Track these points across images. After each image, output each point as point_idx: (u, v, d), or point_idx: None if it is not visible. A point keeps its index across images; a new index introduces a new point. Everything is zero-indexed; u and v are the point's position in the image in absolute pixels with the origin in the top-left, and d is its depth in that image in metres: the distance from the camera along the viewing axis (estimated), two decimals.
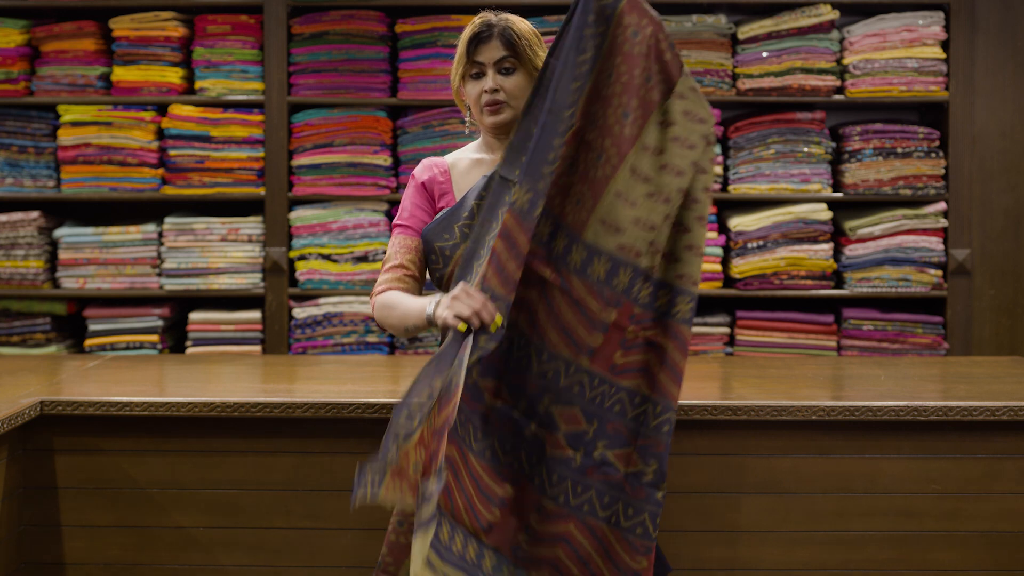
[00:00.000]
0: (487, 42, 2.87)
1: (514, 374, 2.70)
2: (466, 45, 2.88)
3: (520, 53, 2.87)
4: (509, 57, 2.86)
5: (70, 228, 5.30)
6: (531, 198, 2.62)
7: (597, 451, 2.69)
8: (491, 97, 2.87)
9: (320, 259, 5.23)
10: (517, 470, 2.69)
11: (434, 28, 5.21)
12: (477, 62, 2.87)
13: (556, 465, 2.69)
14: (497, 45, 2.86)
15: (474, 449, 2.68)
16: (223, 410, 3.31)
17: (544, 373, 2.69)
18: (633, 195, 2.69)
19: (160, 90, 5.25)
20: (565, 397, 2.69)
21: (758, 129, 5.18)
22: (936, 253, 5.18)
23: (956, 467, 3.32)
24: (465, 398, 2.64)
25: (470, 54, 2.87)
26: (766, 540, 3.33)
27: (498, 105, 2.88)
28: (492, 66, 2.86)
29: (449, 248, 2.85)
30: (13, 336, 5.28)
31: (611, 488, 2.68)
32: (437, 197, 2.98)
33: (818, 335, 5.18)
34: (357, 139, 5.22)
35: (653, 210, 2.69)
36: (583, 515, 2.68)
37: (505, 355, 2.70)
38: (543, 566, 2.69)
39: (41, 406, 3.31)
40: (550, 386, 2.69)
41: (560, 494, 2.68)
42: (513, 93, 2.87)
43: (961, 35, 5.15)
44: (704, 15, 5.21)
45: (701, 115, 2.78)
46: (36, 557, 3.39)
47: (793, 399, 3.28)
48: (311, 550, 3.36)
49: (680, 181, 2.71)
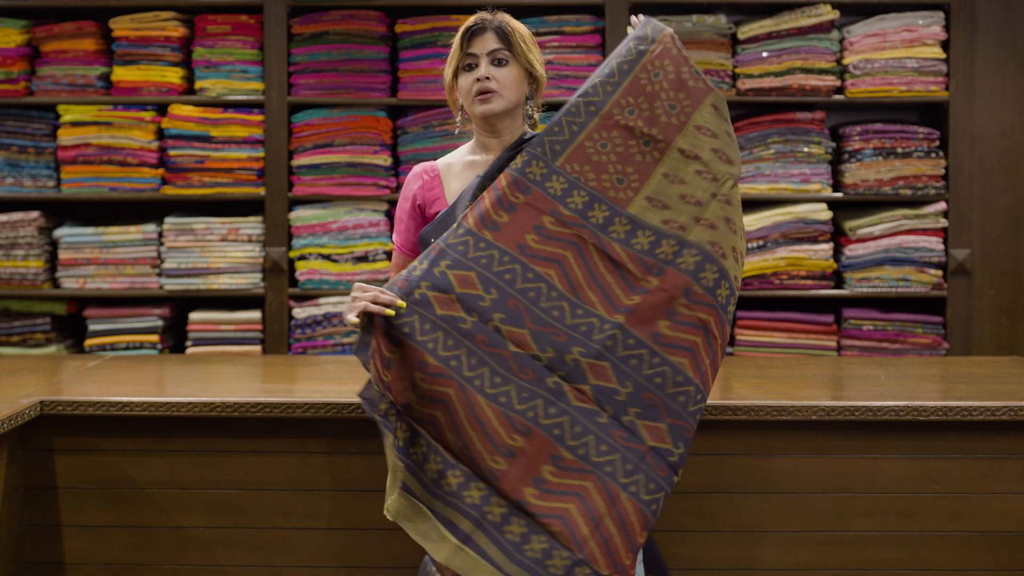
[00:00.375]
0: (481, 34, 2.93)
1: (544, 324, 2.72)
2: (460, 38, 2.94)
3: (514, 45, 2.91)
4: (503, 49, 2.91)
5: (70, 228, 5.30)
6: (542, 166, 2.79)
7: (627, 416, 2.71)
8: (482, 85, 2.90)
9: (320, 259, 5.23)
10: (532, 419, 2.69)
11: (434, 28, 5.21)
12: (471, 53, 2.92)
13: (580, 416, 2.70)
14: (491, 37, 2.92)
15: (486, 393, 2.69)
16: (223, 410, 3.31)
17: (576, 326, 2.72)
18: (682, 173, 2.81)
19: (160, 90, 5.25)
20: (595, 351, 2.72)
21: (758, 129, 5.18)
22: (936, 253, 5.18)
23: (956, 467, 3.32)
24: (480, 341, 2.70)
25: (464, 46, 2.92)
26: (766, 540, 3.33)
27: (489, 93, 2.90)
28: (485, 56, 2.91)
29: None
30: (13, 336, 5.28)
31: (636, 457, 2.69)
32: (430, 203, 3.01)
33: (818, 335, 5.18)
34: (357, 139, 5.22)
35: (699, 186, 2.79)
36: (603, 475, 2.68)
37: (532, 302, 2.73)
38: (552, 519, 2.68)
39: (41, 406, 3.31)
40: (582, 339, 2.71)
41: (581, 447, 2.68)
42: (505, 84, 2.91)
43: (961, 35, 5.15)
44: (704, 15, 5.21)
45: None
46: (36, 557, 3.39)
47: (793, 399, 3.28)
48: (311, 550, 3.36)
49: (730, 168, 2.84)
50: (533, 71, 2.97)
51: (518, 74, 2.92)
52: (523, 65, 2.93)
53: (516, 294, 2.72)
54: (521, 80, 2.94)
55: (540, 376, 2.71)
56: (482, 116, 2.93)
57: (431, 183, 3.01)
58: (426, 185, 3.02)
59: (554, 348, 2.71)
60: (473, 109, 2.93)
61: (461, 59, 2.93)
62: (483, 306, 2.72)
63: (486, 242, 2.75)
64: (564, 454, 2.68)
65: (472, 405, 2.68)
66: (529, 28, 3.09)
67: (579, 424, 2.69)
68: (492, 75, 2.90)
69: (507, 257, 2.75)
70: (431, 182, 3.01)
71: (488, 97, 2.90)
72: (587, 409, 2.71)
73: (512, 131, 2.99)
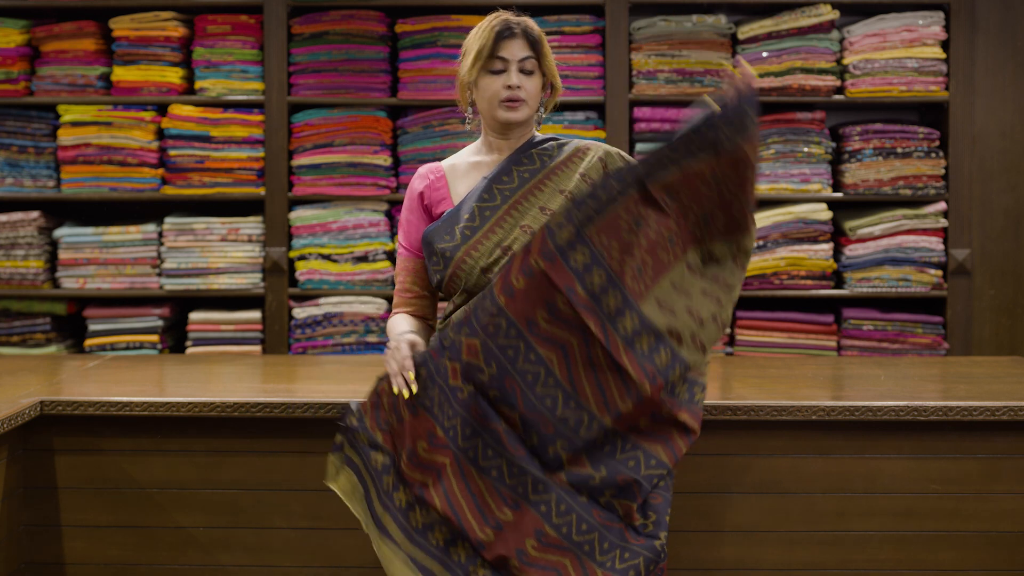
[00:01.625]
0: (512, 39, 2.90)
1: (534, 412, 2.71)
2: (491, 39, 2.89)
3: (540, 56, 2.92)
4: (531, 58, 2.91)
5: (70, 228, 5.30)
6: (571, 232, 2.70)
7: (604, 498, 2.72)
8: (513, 93, 2.89)
9: (320, 259, 5.23)
10: (521, 495, 2.71)
11: (434, 28, 5.21)
12: (501, 58, 2.89)
13: (565, 495, 2.71)
14: (522, 44, 2.90)
15: (479, 465, 2.71)
16: (223, 410, 3.31)
17: (566, 419, 2.71)
18: (688, 287, 2.79)
19: (160, 90, 5.25)
20: (577, 446, 2.72)
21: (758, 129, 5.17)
22: (936, 253, 5.18)
23: (956, 467, 3.32)
24: (476, 413, 2.69)
25: (494, 48, 2.88)
26: (766, 540, 3.33)
27: (518, 102, 2.90)
28: (516, 63, 2.89)
29: (449, 250, 2.87)
30: (13, 336, 5.28)
31: (614, 535, 2.72)
32: (436, 203, 2.99)
33: (818, 335, 5.18)
34: (357, 139, 5.22)
35: (704, 306, 2.78)
36: (582, 554, 2.70)
37: (529, 386, 2.71)
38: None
39: (41, 406, 3.31)
40: (567, 432, 2.71)
41: (564, 525, 2.70)
42: (531, 93, 2.92)
43: (961, 35, 5.15)
44: (704, 15, 5.21)
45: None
46: (36, 557, 3.39)
47: (793, 399, 3.28)
48: (311, 550, 3.36)
49: (731, 294, 2.85)
50: (555, 82, 2.98)
51: (540, 84, 2.94)
52: (546, 75, 2.95)
53: (515, 374, 2.70)
54: (541, 89, 2.96)
55: (528, 454, 2.72)
56: (505, 123, 2.93)
57: (437, 183, 3.00)
58: (432, 185, 3.00)
59: (539, 437, 2.71)
60: (496, 114, 2.91)
61: (489, 61, 2.90)
62: (481, 379, 2.71)
63: (498, 308, 2.72)
64: (548, 531, 2.70)
65: (466, 476, 2.71)
66: None
67: (564, 503, 2.71)
68: (521, 84, 2.90)
69: (513, 331, 2.71)
70: (436, 182, 3.00)
71: (516, 106, 2.90)
72: (569, 489, 2.72)
73: (522, 134, 2.99)
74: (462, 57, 2.97)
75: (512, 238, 2.85)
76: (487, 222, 2.88)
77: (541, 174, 2.92)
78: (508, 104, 2.90)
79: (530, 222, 2.86)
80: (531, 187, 2.91)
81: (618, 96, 5.17)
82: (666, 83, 5.18)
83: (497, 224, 2.88)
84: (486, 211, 2.89)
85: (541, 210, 2.87)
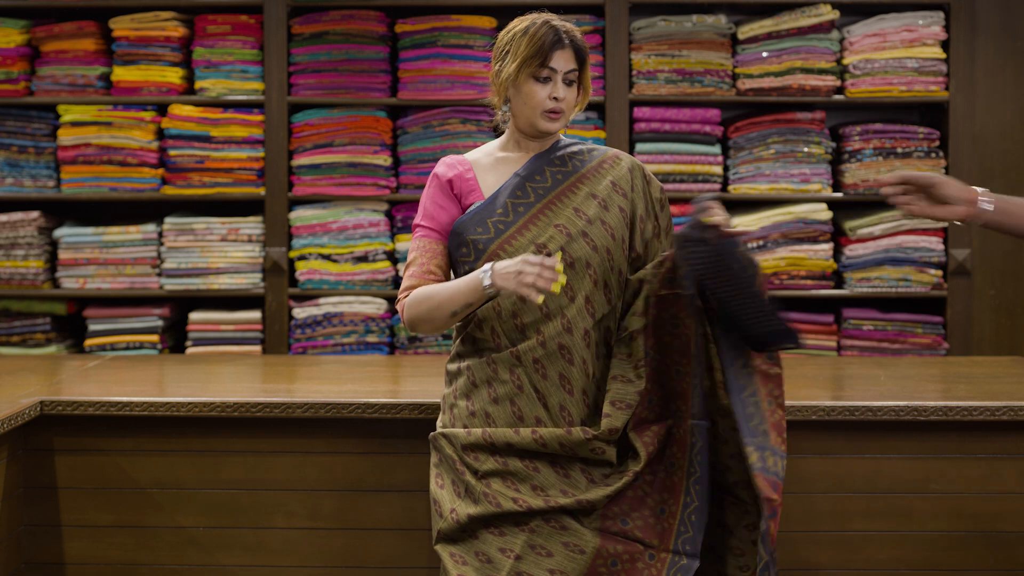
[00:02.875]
0: (563, 49, 2.87)
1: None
2: (543, 47, 2.86)
3: (584, 69, 2.92)
4: (576, 71, 2.90)
5: (70, 228, 5.30)
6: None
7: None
8: (557, 105, 2.88)
9: (320, 259, 5.23)
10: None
11: (434, 28, 5.21)
12: (551, 67, 2.87)
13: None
14: (571, 56, 2.89)
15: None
16: (223, 410, 3.31)
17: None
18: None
19: (160, 90, 5.25)
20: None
21: (758, 129, 5.18)
22: (936, 253, 5.18)
23: (956, 467, 3.32)
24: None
25: (544, 58, 2.86)
26: None
27: (560, 114, 2.90)
28: (563, 74, 2.88)
29: (483, 242, 2.86)
30: (13, 336, 5.28)
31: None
32: (465, 194, 2.95)
33: (818, 335, 5.17)
34: (357, 139, 5.22)
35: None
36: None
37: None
38: None
39: (41, 406, 3.31)
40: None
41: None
42: (571, 104, 2.92)
43: (961, 35, 5.15)
44: (704, 15, 5.21)
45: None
46: (36, 557, 3.39)
47: (793, 399, 3.28)
48: (311, 550, 3.36)
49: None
50: (587, 91, 2.97)
51: (577, 94, 2.94)
52: (585, 86, 2.94)
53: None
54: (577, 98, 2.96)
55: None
56: (546, 132, 2.93)
57: (466, 173, 2.96)
58: (461, 175, 2.96)
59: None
60: (536, 122, 2.90)
61: (538, 69, 2.87)
62: None
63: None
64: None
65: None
66: None
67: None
68: (565, 96, 2.89)
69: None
70: (465, 172, 2.97)
71: (557, 117, 2.90)
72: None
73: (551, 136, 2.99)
74: (502, 54, 2.92)
75: (547, 236, 2.85)
76: (521, 218, 2.87)
77: (574, 177, 2.93)
78: (550, 115, 2.89)
79: (564, 222, 2.86)
80: (565, 188, 2.91)
81: (618, 96, 5.17)
82: (666, 83, 5.18)
83: (531, 221, 2.87)
84: (519, 207, 2.88)
85: (575, 211, 2.88)
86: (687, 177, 5.16)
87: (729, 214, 2.84)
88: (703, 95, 5.17)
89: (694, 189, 5.16)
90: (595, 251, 2.85)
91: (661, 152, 5.16)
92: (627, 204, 2.91)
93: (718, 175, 5.18)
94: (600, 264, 2.85)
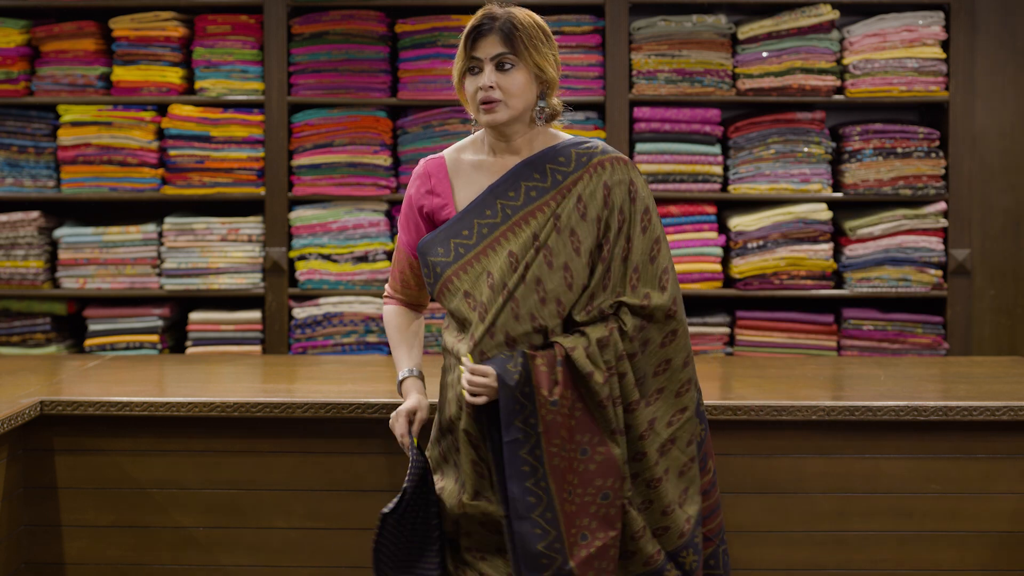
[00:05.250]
0: (486, 36, 2.72)
1: None
2: (464, 38, 2.74)
3: (519, 49, 2.70)
4: (507, 53, 2.70)
5: (70, 228, 5.30)
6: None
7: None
8: (485, 95, 2.71)
9: (320, 259, 5.23)
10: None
11: (434, 28, 5.21)
12: (474, 57, 2.73)
13: None
14: (495, 40, 2.71)
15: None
16: (223, 410, 3.31)
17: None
18: None
19: (160, 90, 5.25)
20: None
21: (758, 129, 5.18)
22: (936, 253, 5.18)
23: (956, 467, 3.32)
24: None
25: (468, 48, 2.72)
26: (766, 540, 3.33)
27: (493, 103, 2.72)
28: (489, 61, 2.71)
29: (440, 265, 2.77)
30: (13, 336, 5.28)
31: None
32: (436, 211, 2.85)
33: (818, 335, 5.18)
34: (357, 139, 5.22)
35: None
36: None
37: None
38: None
39: (41, 406, 3.31)
40: None
41: None
42: (511, 91, 2.72)
43: (961, 35, 5.15)
44: (704, 15, 5.21)
45: None
46: (36, 557, 3.39)
47: (793, 399, 3.28)
48: (311, 550, 3.36)
49: None
50: (543, 74, 2.75)
51: (526, 79, 2.73)
52: (531, 67, 2.73)
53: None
54: (530, 84, 2.75)
55: None
56: (487, 125, 2.77)
57: (438, 186, 2.86)
58: (433, 189, 2.87)
59: None
60: (478, 118, 2.76)
61: (466, 62, 2.74)
62: None
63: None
64: None
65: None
66: None
67: None
68: (497, 83, 2.71)
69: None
70: (438, 185, 2.86)
71: (492, 107, 2.72)
72: None
73: (523, 135, 2.82)
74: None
75: (496, 266, 2.72)
76: (483, 241, 2.75)
77: (548, 195, 2.76)
78: (484, 107, 2.73)
79: (517, 249, 2.72)
80: (533, 208, 2.75)
81: (618, 96, 5.17)
82: (666, 83, 5.18)
83: (490, 246, 2.75)
84: (484, 228, 2.76)
85: (533, 237, 2.73)
86: (687, 177, 5.16)
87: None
88: (703, 95, 5.17)
89: (694, 189, 5.16)
90: (541, 301, 2.72)
91: (661, 152, 5.16)
92: (592, 230, 2.73)
93: (718, 175, 5.18)
94: (540, 311, 2.72)
